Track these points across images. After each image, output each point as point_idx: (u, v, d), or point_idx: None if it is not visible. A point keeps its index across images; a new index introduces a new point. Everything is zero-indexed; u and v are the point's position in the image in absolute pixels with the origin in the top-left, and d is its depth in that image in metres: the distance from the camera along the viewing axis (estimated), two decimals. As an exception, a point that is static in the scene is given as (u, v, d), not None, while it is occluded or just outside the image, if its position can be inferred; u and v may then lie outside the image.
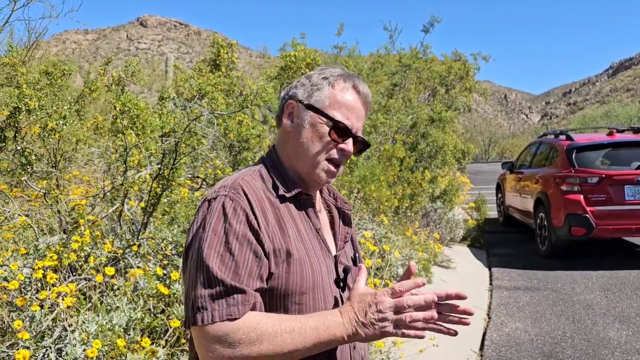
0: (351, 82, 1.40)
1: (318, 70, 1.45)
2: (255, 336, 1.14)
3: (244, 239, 1.21)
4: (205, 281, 1.16)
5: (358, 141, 1.42)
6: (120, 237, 3.64)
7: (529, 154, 9.64)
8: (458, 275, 6.92)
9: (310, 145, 1.38)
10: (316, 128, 1.37)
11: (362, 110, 1.41)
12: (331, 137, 1.36)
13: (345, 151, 1.38)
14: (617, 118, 29.03)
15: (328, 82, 1.40)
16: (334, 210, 1.53)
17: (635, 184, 6.93)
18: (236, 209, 1.23)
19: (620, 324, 5.01)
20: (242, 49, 72.54)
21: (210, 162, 4.94)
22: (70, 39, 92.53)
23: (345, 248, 1.48)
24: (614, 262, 7.23)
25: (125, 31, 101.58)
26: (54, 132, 3.38)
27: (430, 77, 11.72)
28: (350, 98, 1.39)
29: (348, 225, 1.53)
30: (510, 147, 37.37)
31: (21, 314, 2.57)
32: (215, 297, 1.15)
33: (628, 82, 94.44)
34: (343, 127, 1.36)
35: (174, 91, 6.85)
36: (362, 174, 6.84)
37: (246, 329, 1.14)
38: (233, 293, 1.16)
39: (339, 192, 1.58)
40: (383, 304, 1.19)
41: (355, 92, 1.40)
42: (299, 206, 1.39)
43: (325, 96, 1.38)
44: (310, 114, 1.39)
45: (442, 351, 4.07)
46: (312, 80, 1.42)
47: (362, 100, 1.41)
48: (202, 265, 1.18)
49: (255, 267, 1.21)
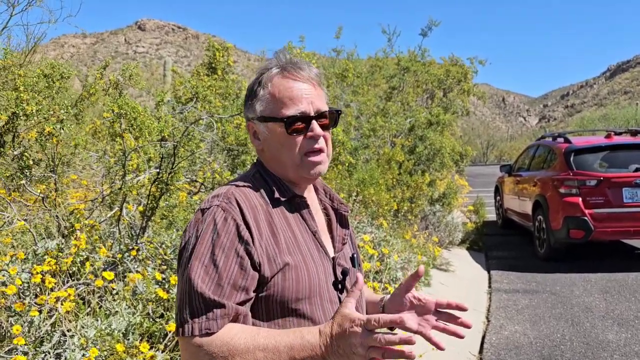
0: (281, 73, 1.37)
1: (255, 76, 1.43)
2: (227, 350, 1.16)
3: (230, 250, 1.22)
4: (189, 293, 1.20)
5: (325, 115, 1.39)
6: (119, 241, 3.63)
7: (527, 157, 9.65)
8: (457, 278, 6.92)
9: (282, 151, 1.37)
10: (277, 133, 1.36)
11: (309, 88, 1.37)
12: (292, 134, 1.35)
13: (314, 137, 1.36)
14: (614, 121, 29.10)
15: (262, 87, 1.38)
16: (330, 212, 1.52)
17: (633, 187, 6.95)
18: (227, 219, 1.24)
19: (619, 327, 5.01)
20: (240, 53, 72.62)
21: (208, 165, 4.94)
22: (69, 43, 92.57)
23: (344, 249, 1.47)
24: (612, 265, 7.24)
25: (124, 35, 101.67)
26: (51, 136, 3.38)
27: (429, 80, 11.74)
28: (289, 87, 1.36)
29: (345, 227, 1.51)
30: (508, 150, 37.45)
31: (20, 319, 2.56)
32: (196, 311, 1.18)
33: (626, 84, 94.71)
34: (296, 118, 1.34)
35: (172, 95, 6.85)
36: (361, 177, 6.84)
37: (219, 343, 1.16)
38: (213, 307, 1.18)
39: (335, 193, 1.56)
40: (356, 338, 1.14)
41: (291, 78, 1.37)
42: (294, 210, 1.39)
43: (267, 101, 1.37)
44: (265, 124, 1.38)
45: (441, 354, 4.06)
46: (253, 93, 1.41)
47: (303, 79, 1.37)
48: (187, 277, 1.21)
49: (240, 279, 1.21)
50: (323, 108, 1.39)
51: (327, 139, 1.41)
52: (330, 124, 1.41)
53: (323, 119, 1.39)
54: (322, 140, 1.38)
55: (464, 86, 12.23)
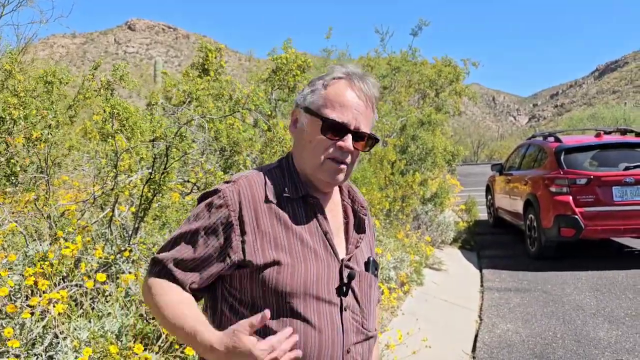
0: (347, 80, 1.40)
1: (325, 73, 1.47)
2: (156, 293, 1.36)
3: (209, 233, 1.35)
4: (172, 241, 1.42)
5: (363, 137, 1.41)
6: (111, 242, 3.61)
7: (518, 156, 9.71)
8: (449, 277, 6.95)
9: (309, 146, 1.40)
10: (312, 129, 1.39)
11: (361, 105, 1.40)
12: (325, 135, 1.37)
13: (343, 148, 1.37)
14: (603, 120, 29.30)
15: (323, 83, 1.42)
16: (350, 213, 1.52)
17: (623, 185, 7.01)
18: (221, 206, 1.36)
19: (609, 324, 5.05)
20: (230, 52, 72.45)
21: (200, 166, 4.92)
22: (58, 43, 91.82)
23: (357, 252, 1.47)
24: (602, 263, 7.30)
25: (114, 35, 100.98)
26: (39, 141, 3.35)
27: (421, 80, 11.77)
28: (345, 95, 1.39)
29: (362, 231, 1.51)
30: (499, 149, 37.57)
31: (11, 322, 2.53)
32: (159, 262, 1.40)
33: (614, 84, 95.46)
34: (336, 124, 1.36)
35: (163, 96, 6.81)
36: (354, 177, 6.84)
37: (158, 286, 1.37)
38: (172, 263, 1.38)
39: (360, 196, 1.57)
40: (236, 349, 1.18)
41: (350, 89, 1.40)
42: (307, 209, 1.41)
43: (319, 97, 1.40)
44: (307, 116, 1.41)
45: (435, 353, 4.08)
46: (312, 85, 1.45)
47: (361, 95, 1.40)
48: (176, 233, 1.41)
49: (203, 263, 1.36)
50: (364, 129, 1.41)
51: (355, 157, 1.43)
52: (365, 148, 1.43)
53: (360, 139, 1.41)
54: (350, 156, 1.40)
55: (456, 87, 12.27)
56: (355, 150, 1.40)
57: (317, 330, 1.33)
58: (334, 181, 1.41)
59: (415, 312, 5.10)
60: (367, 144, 1.43)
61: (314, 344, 1.32)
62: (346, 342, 1.38)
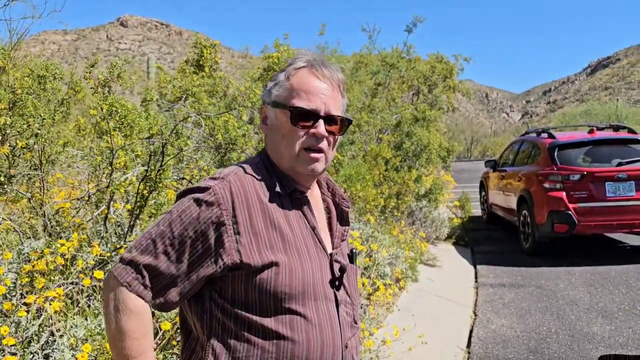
0: (309, 68, 1.38)
1: (285, 65, 1.45)
2: (115, 316, 1.27)
3: (196, 236, 1.27)
4: (146, 237, 1.31)
5: (336, 120, 1.39)
6: (107, 240, 3.60)
7: (511, 152, 9.75)
8: (444, 273, 6.97)
9: (283, 140, 1.38)
10: (282, 121, 1.37)
11: (327, 89, 1.38)
12: (297, 125, 1.35)
13: (317, 134, 1.35)
14: (596, 116, 29.45)
15: (285, 75, 1.40)
16: (331, 207, 1.51)
17: (616, 181, 7.06)
18: (212, 204, 1.27)
19: (603, 319, 5.09)
20: (224, 49, 72.21)
21: (195, 163, 4.91)
22: (49, 40, 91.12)
23: (342, 246, 1.48)
24: (595, 258, 7.35)
25: (105, 31, 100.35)
26: (26, 150, 3.33)
27: (414, 76, 11.76)
28: (310, 82, 1.37)
29: (345, 224, 1.51)
30: (492, 146, 37.68)
31: (7, 320, 2.52)
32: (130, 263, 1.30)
33: (606, 80, 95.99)
34: (305, 111, 1.34)
35: (157, 92, 6.78)
36: (348, 174, 6.84)
37: (122, 303, 1.28)
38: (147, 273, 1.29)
39: (338, 188, 1.55)
40: None
41: (314, 75, 1.38)
42: (295, 205, 1.38)
43: (284, 89, 1.38)
44: (275, 110, 1.39)
45: (430, 348, 4.10)
46: (275, 79, 1.43)
47: (325, 80, 1.38)
48: (147, 233, 1.31)
49: (185, 271, 1.28)
50: (335, 112, 1.39)
51: (331, 143, 1.41)
52: (340, 131, 1.41)
53: (332, 123, 1.39)
54: (325, 142, 1.38)
55: (449, 82, 12.28)
56: (330, 135, 1.38)
57: (318, 328, 1.32)
58: (313, 172, 1.38)
59: (411, 308, 5.12)
60: (341, 127, 1.41)
61: (316, 342, 1.31)
62: (344, 337, 1.38)
